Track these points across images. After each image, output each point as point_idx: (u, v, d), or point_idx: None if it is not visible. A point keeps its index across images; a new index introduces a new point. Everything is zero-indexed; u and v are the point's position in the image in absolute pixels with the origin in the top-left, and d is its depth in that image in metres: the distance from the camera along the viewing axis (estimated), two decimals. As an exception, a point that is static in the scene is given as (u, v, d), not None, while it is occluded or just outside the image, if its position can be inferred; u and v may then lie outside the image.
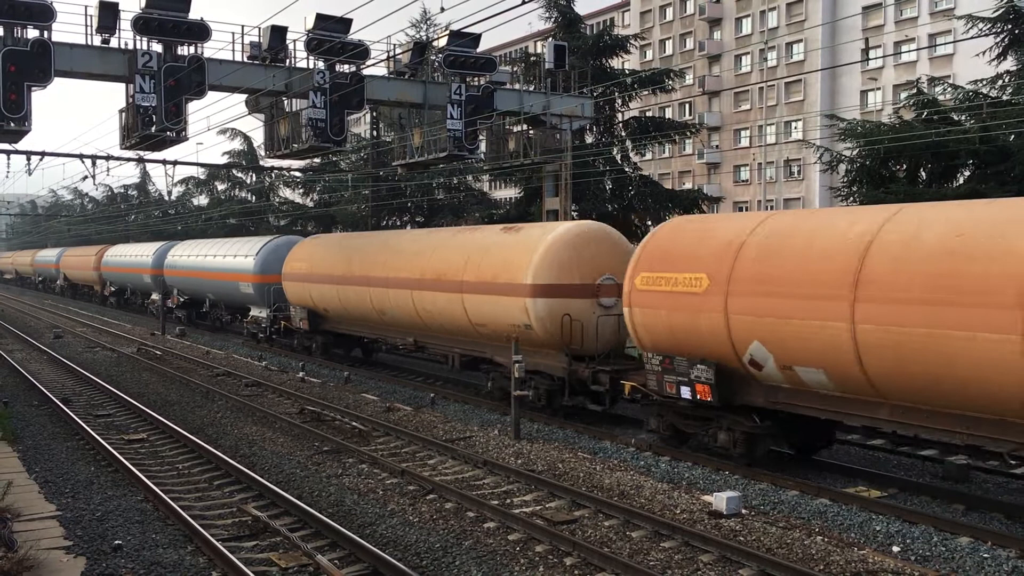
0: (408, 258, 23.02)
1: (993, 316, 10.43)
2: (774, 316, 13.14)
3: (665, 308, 14.99)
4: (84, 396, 22.65)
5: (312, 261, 28.45)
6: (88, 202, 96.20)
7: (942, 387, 11.29)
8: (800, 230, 13.59)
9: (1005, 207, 11.63)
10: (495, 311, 19.23)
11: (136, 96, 21.97)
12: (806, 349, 12.70)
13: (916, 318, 11.23)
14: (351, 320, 26.82)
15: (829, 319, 12.20)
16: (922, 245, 11.54)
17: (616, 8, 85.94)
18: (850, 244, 12.31)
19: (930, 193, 22.17)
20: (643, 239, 16.79)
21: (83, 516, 12.23)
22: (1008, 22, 23.36)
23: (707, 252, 14.58)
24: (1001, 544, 10.93)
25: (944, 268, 11.09)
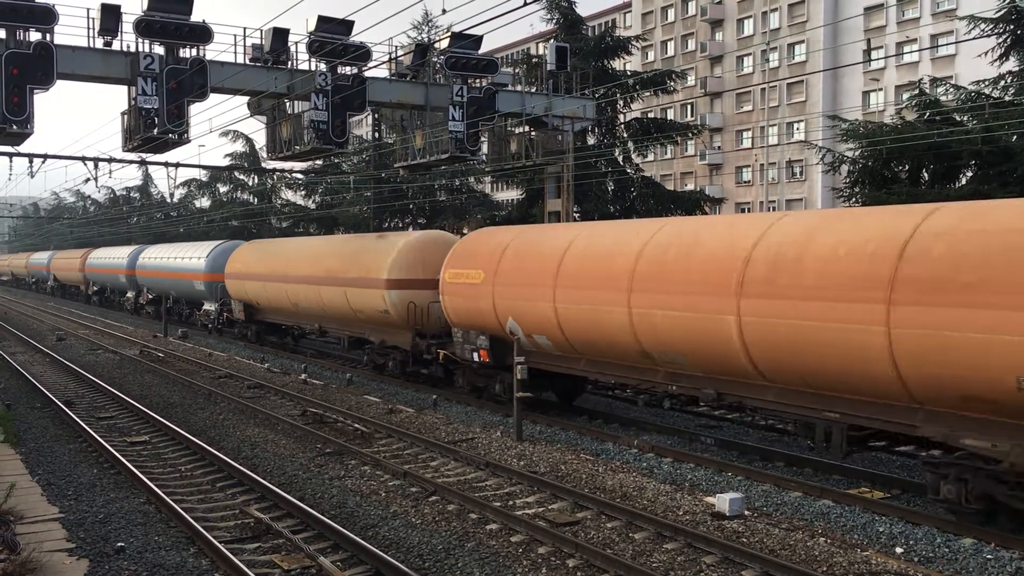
0: (313, 260, 28.19)
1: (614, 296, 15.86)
2: (520, 300, 18.30)
3: (462, 295, 20.19)
4: (86, 398, 22.67)
5: (247, 262, 33.46)
6: (90, 204, 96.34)
7: (598, 344, 16.76)
8: (543, 239, 19.12)
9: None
10: (366, 300, 24.34)
11: (138, 98, 22.01)
12: (536, 322, 17.96)
13: (583, 299, 16.65)
14: (275, 311, 32.05)
15: (544, 300, 17.57)
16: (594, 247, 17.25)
17: (618, 9, 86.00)
18: (558, 248, 17.85)
19: (932, 194, 22.16)
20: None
21: (86, 518, 12.23)
22: (1010, 23, 23.35)
23: (484, 253, 19.89)
24: (1004, 545, 10.91)
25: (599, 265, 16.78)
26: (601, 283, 16.12)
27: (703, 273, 14.15)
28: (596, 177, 32.58)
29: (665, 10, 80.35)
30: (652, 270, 15.20)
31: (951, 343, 10.76)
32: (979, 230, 11.08)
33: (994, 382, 10.45)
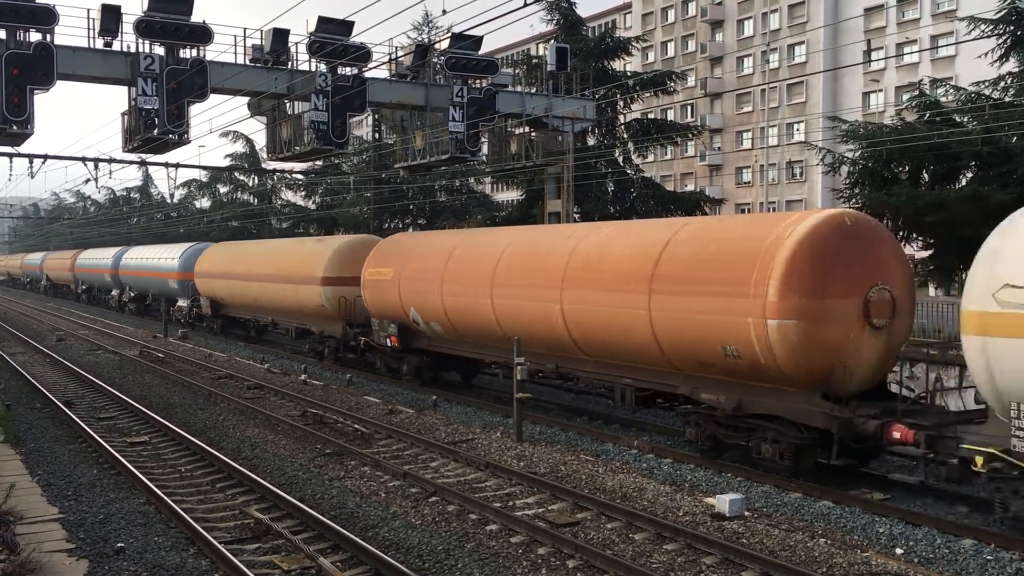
0: (267, 260, 31.80)
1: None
2: (419, 293, 21.95)
3: (377, 290, 23.88)
4: (86, 399, 22.67)
5: (214, 263, 37.02)
6: (91, 205, 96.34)
7: (474, 329, 20.59)
8: (436, 243, 23.18)
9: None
10: (307, 295, 28.00)
11: (138, 99, 22.03)
12: (431, 311, 21.59)
13: (462, 292, 20.30)
14: (238, 306, 35.69)
15: (435, 294, 21.17)
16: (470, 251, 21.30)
17: (618, 10, 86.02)
18: (442, 251, 21.84)
19: (932, 195, 22.18)
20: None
21: (85, 519, 12.22)
22: (1010, 23, 23.36)
23: (394, 255, 23.91)
24: (1004, 546, 10.91)
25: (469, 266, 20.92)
26: (474, 280, 19.96)
27: (540, 272, 18.04)
28: (596, 178, 32.60)
29: (665, 11, 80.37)
30: (510, 270, 19.02)
31: (687, 322, 14.62)
32: (706, 239, 15.17)
33: (711, 350, 14.28)
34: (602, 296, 16.25)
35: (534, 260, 18.51)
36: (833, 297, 13.11)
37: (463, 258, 20.92)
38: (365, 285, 24.49)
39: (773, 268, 13.24)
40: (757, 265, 13.51)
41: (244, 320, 36.14)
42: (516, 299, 18.52)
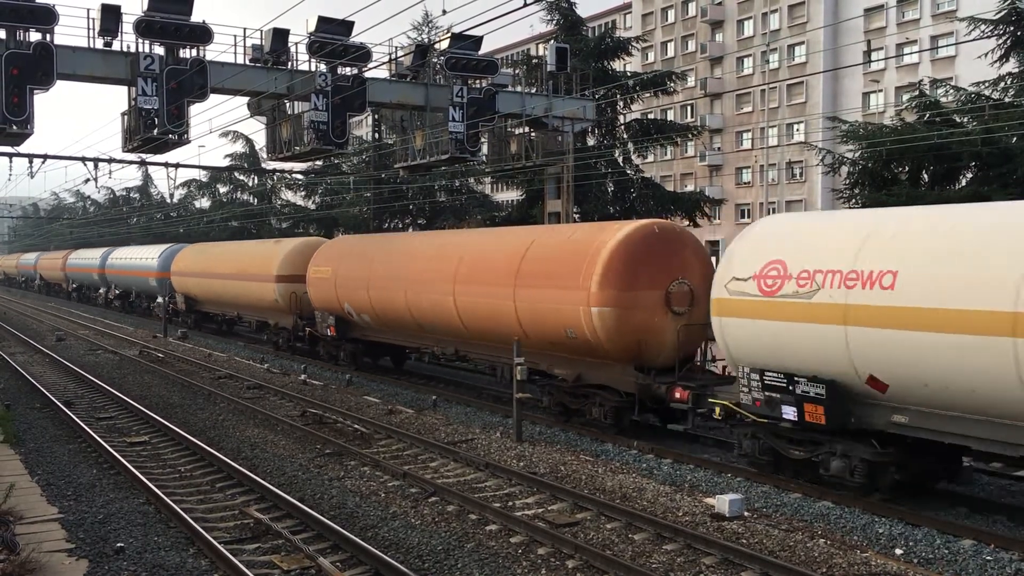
0: (232, 260, 35.14)
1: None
2: (351, 289, 25.11)
3: (319, 286, 27.18)
4: (86, 399, 22.67)
5: (187, 262, 40.38)
6: (90, 205, 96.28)
7: (393, 320, 24.05)
8: (366, 246, 26.70)
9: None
10: (262, 292, 31.56)
11: (138, 99, 21.99)
12: (360, 303, 24.94)
13: (384, 287, 23.71)
14: (208, 302, 38.96)
15: (362, 290, 24.65)
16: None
17: (618, 10, 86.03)
18: (369, 253, 25.43)
19: (932, 195, 22.16)
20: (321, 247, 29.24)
21: (85, 519, 12.23)
22: (1010, 24, 23.34)
23: (333, 255, 27.42)
24: (1004, 547, 10.92)
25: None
26: (392, 278, 23.42)
27: (441, 271, 21.33)
28: (596, 178, 32.59)
29: (665, 11, 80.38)
30: (420, 269, 22.48)
31: (540, 309, 17.97)
32: (555, 243, 18.73)
33: (558, 333, 17.66)
34: (484, 289, 19.70)
35: (437, 261, 21.94)
36: (641, 289, 16.50)
37: (385, 260, 24.56)
38: (309, 282, 28.03)
39: (596, 266, 16.73)
40: (585, 264, 16.98)
41: (214, 315, 39.57)
42: (424, 293, 21.97)
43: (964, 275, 10.98)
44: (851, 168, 24.97)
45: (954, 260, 11.20)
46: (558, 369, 18.35)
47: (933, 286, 11.22)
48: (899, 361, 11.69)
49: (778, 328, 13.11)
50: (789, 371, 13.06)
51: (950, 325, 10.97)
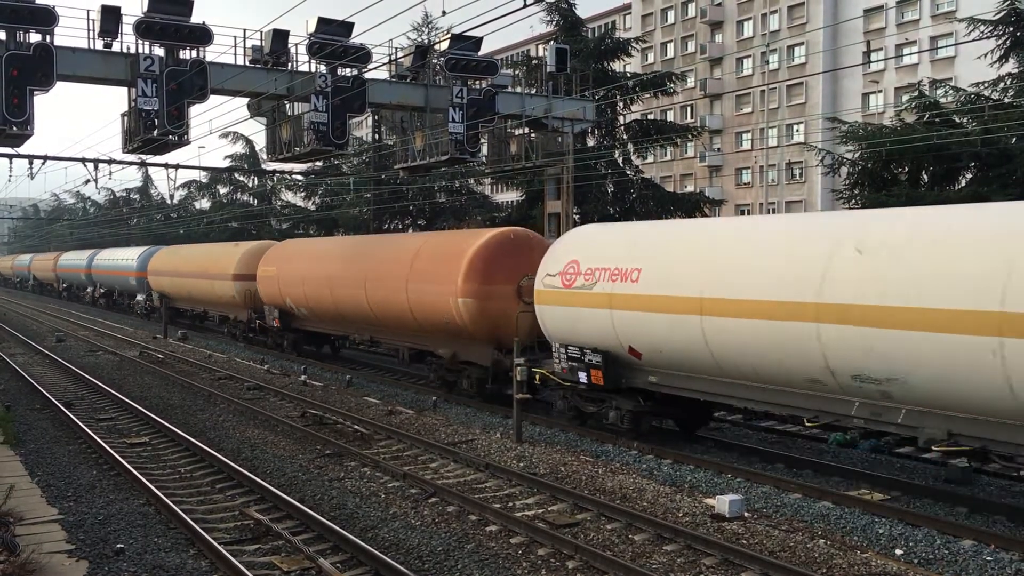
0: (199, 261, 38.72)
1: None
2: (291, 285, 29.19)
3: (267, 283, 31.19)
4: (86, 400, 22.66)
5: (162, 262, 44.26)
6: (90, 206, 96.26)
7: (324, 313, 28.08)
8: (303, 250, 31.06)
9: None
10: (223, 289, 35.29)
11: (138, 100, 21.99)
12: (298, 298, 28.92)
13: (316, 284, 27.67)
14: (180, 299, 42.64)
15: (299, 286, 28.69)
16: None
17: (617, 11, 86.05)
18: (304, 255, 29.54)
19: (932, 196, 22.17)
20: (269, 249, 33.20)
21: (85, 520, 12.23)
22: (1010, 24, 23.35)
23: (278, 257, 31.34)
24: (1004, 547, 10.91)
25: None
26: (320, 277, 27.36)
27: (356, 271, 25.22)
28: (596, 179, 32.61)
29: (665, 12, 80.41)
30: (341, 270, 26.21)
31: (425, 300, 21.75)
32: (437, 245, 22.85)
33: (439, 319, 21.39)
34: (387, 284, 23.34)
35: (354, 263, 25.85)
36: (496, 284, 20.16)
37: (317, 262, 28.38)
38: (259, 280, 31.73)
39: (462, 266, 20.46)
40: (455, 264, 20.74)
41: (184, 310, 43.45)
42: (344, 288, 25.84)
43: (674, 272, 15.04)
44: (851, 169, 24.99)
45: (673, 262, 15.36)
46: (440, 349, 22.34)
47: (660, 280, 15.22)
48: (644, 335, 15.58)
49: (573, 312, 16.97)
50: (581, 345, 16.86)
51: (667, 307, 14.91)
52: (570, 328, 17.07)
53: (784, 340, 12.96)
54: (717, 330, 14.00)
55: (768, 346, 13.28)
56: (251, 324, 33.87)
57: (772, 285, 13.19)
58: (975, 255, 11.05)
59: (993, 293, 10.64)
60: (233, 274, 34.02)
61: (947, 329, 11.00)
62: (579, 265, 16.92)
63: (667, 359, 15.32)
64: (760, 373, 13.77)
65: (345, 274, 25.74)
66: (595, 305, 16.27)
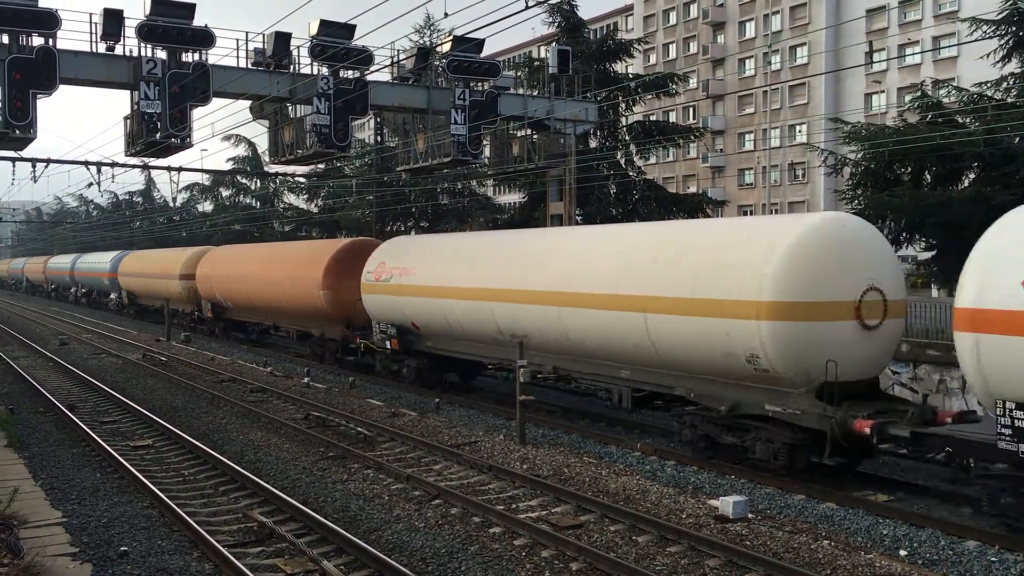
0: (154, 263, 46.98)
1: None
2: (219, 282, 36.34)
3: (204, 282, 38.12)
4: (90, 403, 22.68)
5: (128, 265, 51.89)
6: (93, 209, 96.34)
7: (244, 305, 35.74)
8: (230, 255, 38.42)
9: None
10: (174, 286, 42.32)
11: (141, 103, 22.01)
12: (226, 294, 36.05)
13: (239, 282, 35.10)
14: (142, 295, 50.65)
15: (225, 284, 36.22)
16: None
17: (619, 12, 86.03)
18: (230, 259, 37.53)
19: (934, 196, 22.14)
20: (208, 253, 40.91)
21: (89, 522, 12.24)
22: (1012, 24, 23.29)
23: (213, 259, 38.25)
24: (1009, 548, 10.89)
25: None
26: (241, 276, 34.51)
27: (264, 271, 32.70)
28: (598, 180, 32.56)
29: (667, 13, 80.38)
30: (253, 271, 33.58)
31: (298, 293, 29.22)
32: (305, 250, 31.90)
33: (310, 308, 29.03)
34: (276, 280, 31.14)
35: (261, 264, 33.46)
36: (345, 280, 27.01)
37: (237, 264, 35.95)
38: (198, 278, 38.84)
39: (322, 265, 28.14)
40: (317, 265, 28.44)
41: (146, 305, 50.84)
42: (255, 284, 33.05)
43: (433, 270, 22.39)
44: (853, 169, 24.95)
45: (432, 263, 22.93)
46: (312, 330, 30.51)
47: (430, 274, 22.37)
48: (419, 313, 22.78)
49: (381, 299, 24.31)
50: (387, 322, 24.13)
51: (424, 292, 22.28)
52: (381, 310, 24.42)
53: (478, 313, 20.51)
54: (451, 308, 21.33)
55: (471, 317, 20.82)
56: (193, 315, 41.65)
57: (474, 279, 20.66)
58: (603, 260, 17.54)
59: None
60: (179, 274, 41.51)
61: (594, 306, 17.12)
62: (385, 265, 24.39)
63: (427, 327, 22.90)
64: (469, 334, 21.30)
65: (257, 274, 33.08)
66: (392, 293, 23.74)
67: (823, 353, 13.30)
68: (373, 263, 24.91)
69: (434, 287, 21.85)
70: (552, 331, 18.23)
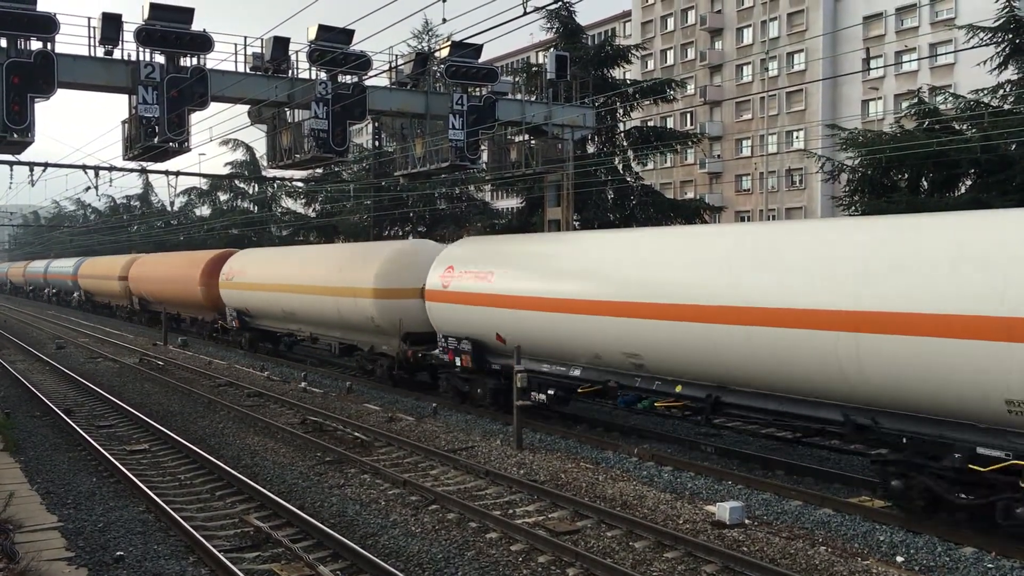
0: (103, 267, 56.06)
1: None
2: (141, 282, 46.58)
3: (135, 282, 47.65)
4: (86, 407, 22.65)
5: (85, 268, 61.23)
6: (91, 213, 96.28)
7: (166, 300, 43.12)
8: (159, 261, 46.41)
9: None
10: (115, 287, 51.50)
11: (139, 107, 22.02)
12: (149, 292, 45.73)
13: (157, 282, 44.55)
14: (95, 294, 59.49)
15: (146, 283, 46.49)
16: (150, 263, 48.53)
17: (617, 18, 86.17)
18: (149, 266, 46.93)
19: (932, 202, 22.18)
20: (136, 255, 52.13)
21: (85, 527, 12.21)
22: (1008, 31, 23.37)
23: (140, 263, 48.32)
24: (1006, 554, 10.89)
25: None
26: (159, 277, 43.01)
27: (172, 272, 41.43)
28: (596, 185, 32.61)
29: (665, 19, 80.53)
30: (159, 273, 43.38)
31: (183, 289, 39.72)
32: (189, 258, 41.84)
33: (192, 299, 38.97)
34: (171, 279, 40.52)
35: (168, 266, 42.42)
36: (214, 278, 35.18)
37: (151, 268, 45.05)
38: (130, 280, 48.15)
39: (200, 267, 37.13)
40: (196, 267, 37.49)
41: (98, 302, 59.48)
42: (165, 283, 41.80)
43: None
44: (851, 175, 24.99)
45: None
46: (188, 314, 40.53)
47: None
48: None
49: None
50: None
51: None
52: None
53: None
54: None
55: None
56: (127, 308, 51.92)
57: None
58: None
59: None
60: (118, 276, 50.91)
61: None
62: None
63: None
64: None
65: (167, 275, 42.05)
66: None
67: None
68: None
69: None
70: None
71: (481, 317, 19.15)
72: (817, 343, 12.22)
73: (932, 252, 11.35)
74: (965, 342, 10.51)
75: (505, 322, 18.48)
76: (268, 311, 31.18)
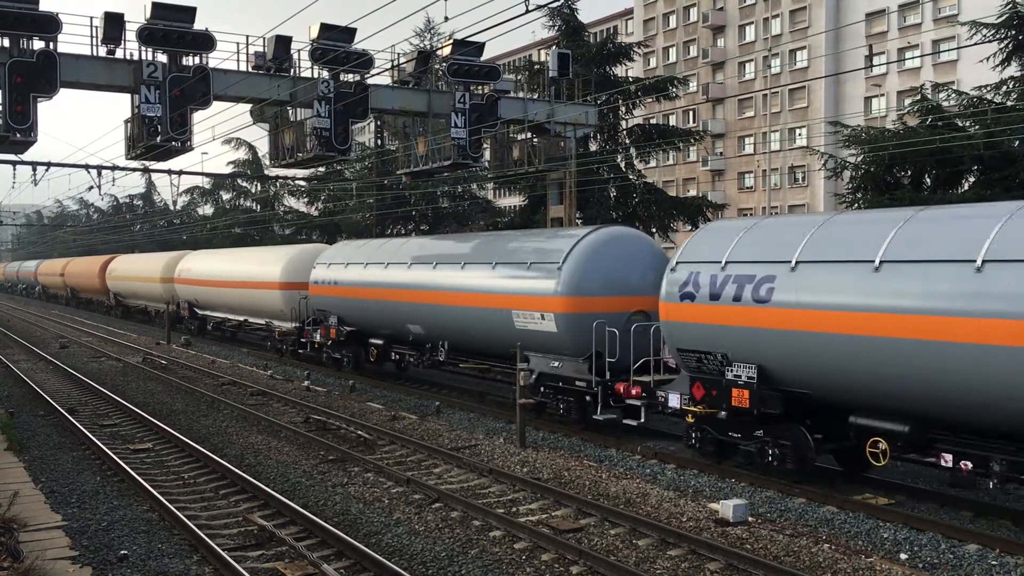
0: (59, 267, 69.42)
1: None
2: (118, 279, 54.26)
3: (112, 278, 54.61)
4: (90, 406, 22.68)
5: (44, 268, 76.16)
6: (94, 212, 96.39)
7: (129, 295, 54.12)
8: (139, 260, 52.82)
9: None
10: (88, 282, 61.20)
11: (141, 106, 22.02)
12: (126, 290, 54.58)
13: (130, 280, 52.31)
14: (75, 289, 66.55)
15: (126, 281, 53.21)
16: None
17: (619, 16, 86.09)
18: (133, 266, 52.99)
19: (935, 199, 22.13)
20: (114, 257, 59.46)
21: (89, 526, 12.23)
22: (1012, 28, 23.30)
23: (116, 262, 55.83)
24: (1009, 551, 10.88)
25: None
26: (132, 275, 50.47)
27: (145, 272, 48.32)
28: (598, 183, 32.57)
29: (667, 16, 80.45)
30: (133, 270, 51.30)
31: (144, 287, 49.81)
32: (149, 259, 50.80)
33: (151, 295, 48.03)
34: (137, 276, 48.65)
35: (139, 264, 49.80)
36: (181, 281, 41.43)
37: (126, 267, 51.34)
38: (107, 278, 54.37)
39: (162, 265, 44.49)
40: (158, 265, 45.08)
41: (59, 295, 71.63)
42: (132, 279, 48.58)
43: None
44: (853, 172, 24.95)
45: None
46: (153, 307, 45.34)
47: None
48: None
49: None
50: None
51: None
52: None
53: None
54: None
55: None
56: (110, 303, 57.15)
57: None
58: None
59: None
60: (99, 278, 57.01)
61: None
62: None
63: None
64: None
65: (133, 274, 50.07)
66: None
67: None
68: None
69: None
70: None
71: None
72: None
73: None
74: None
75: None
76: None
